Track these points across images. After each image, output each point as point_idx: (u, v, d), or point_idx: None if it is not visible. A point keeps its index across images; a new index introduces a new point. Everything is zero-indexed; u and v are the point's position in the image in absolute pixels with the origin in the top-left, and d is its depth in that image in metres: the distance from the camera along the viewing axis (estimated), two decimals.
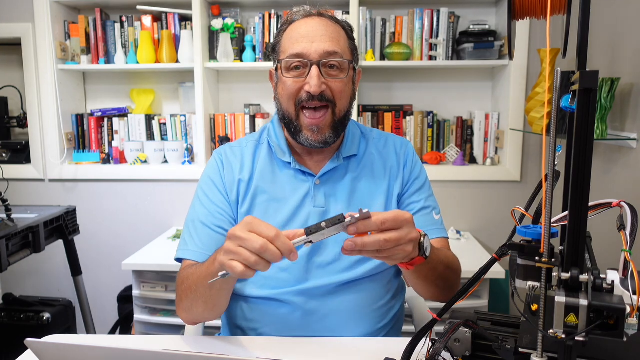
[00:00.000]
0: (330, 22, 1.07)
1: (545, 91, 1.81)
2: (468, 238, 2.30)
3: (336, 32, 1.06)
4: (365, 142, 1.18)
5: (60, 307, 2.13)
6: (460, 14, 2.31)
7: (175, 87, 2.51)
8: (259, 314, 1.07)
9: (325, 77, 1.03)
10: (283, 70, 1.05)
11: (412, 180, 1.15)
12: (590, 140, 0.57)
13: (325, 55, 1.02)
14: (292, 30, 1.06)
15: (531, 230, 0.63)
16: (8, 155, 2.48)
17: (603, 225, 1.03)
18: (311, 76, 1.01)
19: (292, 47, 1.03)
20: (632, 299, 0.58)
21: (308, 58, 1.02)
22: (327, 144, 1.07)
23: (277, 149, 1.12)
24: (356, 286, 1.06)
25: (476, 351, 0.72)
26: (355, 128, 1.19)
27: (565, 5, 0.70)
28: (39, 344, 0.65)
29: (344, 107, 1.07)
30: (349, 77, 1.07)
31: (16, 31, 2.36)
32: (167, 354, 0.64)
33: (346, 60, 1.05)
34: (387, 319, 1.11)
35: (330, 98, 1.04)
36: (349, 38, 1.10)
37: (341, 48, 1.05)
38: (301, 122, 1.05)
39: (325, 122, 1.05)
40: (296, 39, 1.04)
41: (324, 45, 1.02)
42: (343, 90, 1.06)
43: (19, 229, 1.75)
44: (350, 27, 1.12)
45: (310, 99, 1.03)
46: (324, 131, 1.05)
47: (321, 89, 1.02)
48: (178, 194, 2.44)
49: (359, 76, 1.16)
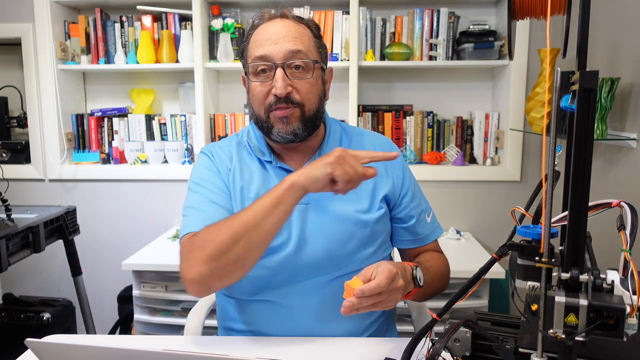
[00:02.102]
0: (294, 23, 1.07)
1: (545, 91, 1.81)
2: (468, 238, 2.30)
3: (299, 32, 1.06)
4: (348, 139, 1.18)
5: (60, 307, 2.13)
6: (460, 14, 2.31)
7: (175, 87, 2.51)
8: (255, 316, 1.07)
9: (291, 79, 1.04)
10: (250, 75, 1.07)
11: (407, 188, 1.16)
12: (590, 140, 0.57)
13: (289, 54, 1.03)
14: (257, 34, 1.07)
15: (531, 230, 0.63)
16: (8, 155, 2.48)
17: (603, 225, 1.03)
18: (276, 79, 1.02)
19: (257, 50, 1.05)
20: (632, 299, 0.58)
21: (272, 60, 1.03)
22: (297, 137, 1.06)
23: (257, 150, 1.13)
24: (343, 281, 1.06)
25: (476, 351, 0.72)
26: (336, 126, 1.19)
27: (565, 5, 0.70)
28: (39, 344, 0.65)
29: (312, 107, 1.07)
30: (315, 77, 1.07)
31: (16, 31, 2.36)
32: (167, 354, 0.64)
33: (310, 60, 1.05)
34: (378, 312, 1.12)
35: (297, 100, 1.05)
36: (315, 37, 1.10)
37: (305, 47, 1.05)
38: (271, 119, 1.06)
39: (293, 114, 1.05)
40: (260, 43, 1.05)
41: (287, 45, 1.03)
42: (310, 91, 1.06)
43: (19, 229, 1.75)
44: (316, 26, 1.12)
45: (278, 102, 1.04)
46: (292, 122, 1.05)
47: (287, 91, 1.03)
48: (178, 194, 2.44)
49: (329, 75, 1.16)
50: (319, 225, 1.07)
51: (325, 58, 1.13)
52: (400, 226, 1.16)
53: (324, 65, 1.11)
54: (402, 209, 1.15)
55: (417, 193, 1.18)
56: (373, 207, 1.11)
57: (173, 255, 2.14)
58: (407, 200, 1.15)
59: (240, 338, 1.04)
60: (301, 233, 1.06)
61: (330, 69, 1.15)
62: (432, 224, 1.19)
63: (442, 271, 1.14)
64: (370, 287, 0.85)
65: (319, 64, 1.08)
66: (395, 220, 1.16)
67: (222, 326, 1.16)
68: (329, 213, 1.08)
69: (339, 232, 1.07)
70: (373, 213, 1.10)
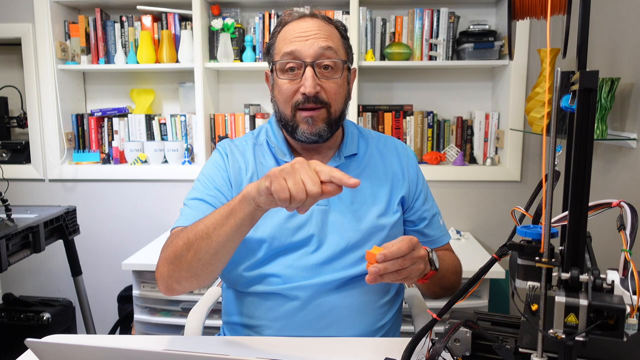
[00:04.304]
0: (324, 22, 1.08)
1: (545, 91, 1.81)
2: (468, 238, 2.30)
3: (329, 31, 1.07)
4: (365, 141, 1.19)
5: (60, 307, 2.13)
6: (460, 14, 2.31)
7: (175, 87, 2.51)
8: (263, 310, 1.07)
9: (320, 78, 1.04)
10: (278, 72, 1.07)
11: (420, 190, 1.17)
12: (590, 140, 0.57)
13: (319, 51, 1.03)
14: (286, 31, 1.07)
15: (531, 230, 0.63)
16: (8, 155, 2.48)
17: (603, 225, 1.03)
18: (306, 77, 1.02)
19: (286, 46, 1.05)
20: (632, 299, 0.58)
21: (302, 58, 1.03)
22: (321, 137, 1.07)
23: (277, 150, 1.13)
24: (361, 281, 1.07)
25: (476, 351, 0.72)
26: (353, 128, 1.20)
27: (565, 5, 0.70)
28: (39, 344, 0.65)
29: (339, 108, 1.08)
30: (343, 78, 1.08)
31: (16, 31, 2.36)
32: (167, 354, 0.64)
33: (340, 59, 1.05)
34: (389, 316, 1.12)
35: (324, 100, 1.05)
36: (343, 37, 1.11)
37: (335, 46, 1.06)
38: (297, 118, 1.06)
39: (320, 115, 1.06)
40: (289, 40, 1.05)
41: (318, 42, 1.03)
42: (337, 92, 1.07)
43: (19, 229, 1.75)
44: (344, 27, 1.13)
45: (306, 101, 1.04)
46: (318, 123, 1.06)
47: (316, 90, 1.03)
48: (178, 194, 2.44)
49: (354, 75, 1.16)
50: (338, 226, 1.08)
51: (351, 59, 1.13)
52: (412, 229, 1.17)
53: (350, 66, 1.12)
54: (415, 212, 1.16)
55: (429, 196, 1.20)
56: (390, 210, 1.12)
57: None
58: (420, 203, 1.16)
59: (241, 338, 1.03)
60: (320, 233, 1.07)
61: (354, 69, 1.16)
62: (444, 227, 1.21)
63: (456, 265, 1.15)
64: (391, 250, 0.84)
65: (347, 64, 1.09)
66: (407, 223, 1.17)
67: (226, 321, 1.16)
68: (348, 215, 1.09)
69: (356, 235, 1.08)
70: (390, 217, 1.11)
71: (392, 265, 0.84)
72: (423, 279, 0.95)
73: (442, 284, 1.08)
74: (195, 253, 0.90)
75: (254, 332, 1.09)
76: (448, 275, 1.08)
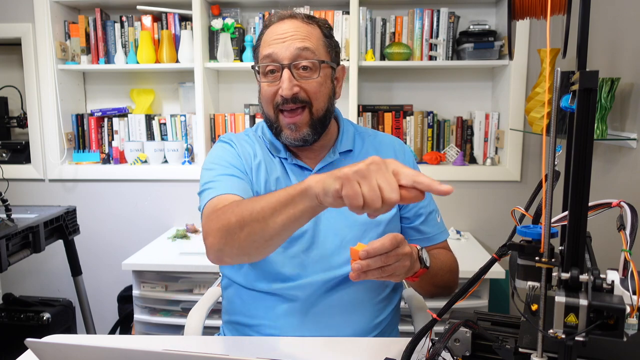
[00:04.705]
0: (303, 23, 1.08)
1: (545, 91, 1.81)
2: (468, 238, 2.30)
3: (308, 32, 1.07)
4: (361, 139, 1.19)
5: (60, 307, 2.13)
6: (460, 14, 2.31)
7: (175, 87, 2.51)
8: (263, 309, 1.08)
9: (298, 79, 1.04)
10: (260, 75, 1.08)
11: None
12: (590, 140, 0.57)
13: (296, 52, 1.03)
14: (267, 34, 1.08)
15: (531, 230, 0.63)
16: (8, 155, 2.48)
17: (603, 225, 1.03)
18: (282, 80, 1.03)
19: (265, 49, 1.06)
20: (632, 299, 0.58)
21: (279, 60, 1.04)
22: (307, 142, 1.08)
23: (272, 147, 1.14)
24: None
25: (476, 351, 0.72)
26: (349, 125, 1.20)
27: (565, 5, 0.70)
28: (39, 344, 0.65)
29: (321, 107, 1.08)
30: (323, 76, 1.07)
31: (16, 31, 2.36)
32: (167, 354, 0.64)
33: (317, 60, 1.05)
34: (386, 312, 1.13)
35: (305, 99, 1.05)
36: (325, 36, 1.10)
37: (313, 45, 1.05)
38: (280, 122, 1.08)
39: (302, 120, 1.06)
40: (268, 42, 1.06)
41: (294, 43, 1.04)
42: (318, 91, 1.06)
43: (19, 229, 1.75)
44: (328, 25, 1.13)
45: (285, 102, 1.04)
46: (301, 129, 1.06)
47: (293, 92, 1.03)
48: (178, 194, 2.44)
49: (341, 73, 1.15)
50: (332, 223, 1.08)
51: (336, 57, 1.13)
52: (408, 225, 1.16)
53: (333, 65, 1.11)
54: (411, 208, 1.15)
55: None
56: None
57: (173, 256, 2.15)
58: None
59: (240, 338, 1.04)
60: (314, 229, 1.07)
61: (341, 67, 1.15)
62: (441, 225, 1.20)
63: (451, 264, 1.14)
64: (374, 246, 0.82)
65: (327, 63, 1.08)
66: (403, 220, 1.17)
67: (226, 320, 1.16)
68: (343, 211, 1.08)
69: (351, 231, 1.08)
70: (386, 213, 1.10)
71: (375, 262, 0.83)
72: (413, 276, 0.94)
73: (435, 282, 1.07)
74: (249, 234, 0.85)
75: (254, 332, 1.09)
76: (441, 273, 1.07)
